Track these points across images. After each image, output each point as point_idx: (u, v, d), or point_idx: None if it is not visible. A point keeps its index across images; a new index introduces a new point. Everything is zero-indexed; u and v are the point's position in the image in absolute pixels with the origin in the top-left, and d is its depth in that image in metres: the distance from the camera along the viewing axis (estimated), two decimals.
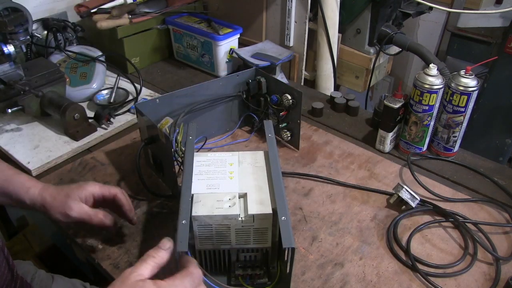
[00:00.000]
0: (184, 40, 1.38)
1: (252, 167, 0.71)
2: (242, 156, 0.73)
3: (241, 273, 0.67)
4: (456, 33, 1.80)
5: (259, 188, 0.66)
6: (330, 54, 1.37)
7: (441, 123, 0.96)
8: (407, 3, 1.42)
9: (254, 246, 0.66)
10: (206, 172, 0.69)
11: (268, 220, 0.62)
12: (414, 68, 1.96)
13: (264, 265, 0.68)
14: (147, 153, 0.93)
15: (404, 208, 0.84)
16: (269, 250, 0.67)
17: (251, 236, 0.64)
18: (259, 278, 0.67)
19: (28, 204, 0.71)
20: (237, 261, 0.68)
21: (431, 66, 0.90)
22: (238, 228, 0.63)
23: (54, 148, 1.00)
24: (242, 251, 0.67)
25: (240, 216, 0.62)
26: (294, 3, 1.29)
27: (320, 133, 1.08)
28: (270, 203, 0.63)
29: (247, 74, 1.02)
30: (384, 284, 0.71)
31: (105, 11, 1.30)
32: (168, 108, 0.92)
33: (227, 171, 0.69)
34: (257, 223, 0.62)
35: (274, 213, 0.62)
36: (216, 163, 0.71)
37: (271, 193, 0.65)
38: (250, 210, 0.62)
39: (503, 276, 0.72)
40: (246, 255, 0.67)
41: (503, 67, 1.33)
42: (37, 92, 1.03)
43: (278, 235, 0.61)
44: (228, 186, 0.66)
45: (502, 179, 0.94)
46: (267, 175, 0.69)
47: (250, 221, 0.62)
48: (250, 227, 0.63)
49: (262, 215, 0.62)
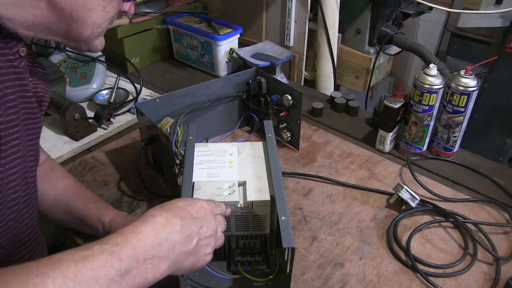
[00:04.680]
0: (184, 40, 1.38)
1: (251, 157, 0.73)
2: (241, 147, 0.76)
3: (241, 259, 0.69)
4: (456, 33, 1.80)
5: (257, 176, 0.68)
6: (330, 54, 1.37)
7: (441, 123, 0.96)
8: (407, 3, 1.42)
9: (253, 233, 0.68)
10: (206, 161, 0.71)
11: (266, 206, 0.65)
12: (414, 68, 1.96)
13: (263, 252, 0.70)
14: (147, 153, 0.93)
15: (404, 208, 0.84)
16: (268, 237, 0.69)
17: (250, 222, 0.66)
18: (258, 265, 0.69)
19: (101, 232, 0.70)
20: (237, 248, 0.70)
21: (431, 66, 0.90)
22: (238, 214, 0.65)
23: (54, 148, 1.00)
24: (241, 238, 0.69)
25: (239, 203, 0.64)
26: (294, 3, 1.29)
27: (320, 133, 1.08)
28: (268, 191, 0.65)
29: (247, 74, 1.02)
30: (384, 284, 0.71)
31: None
32: (168, 108, 0.92)
33: (227, 161, 0.72)
34: (256, 210, 0.65)
35: (272, 200, 0.64)
36: (217, 153, 0.73)
37: (269, 181, 0.67)
38: (249, 197, 0.64)
39: (503, 276, 0.72)
40: (245, 242, 0.69)
41: (503, 67, 1.33)
42: None
43: (276, 222, 0.63)
44: (228, 175, 0.68)
45: (502, 179, 0.94)
46: (265, 165, 0.71)
47: (249, 208, 0.64)
48: (249, 214, 0.65)
49: (261, 202, 0.64)
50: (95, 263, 0.41)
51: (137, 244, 0.45)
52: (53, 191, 0.73)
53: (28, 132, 0.55)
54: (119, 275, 0.42)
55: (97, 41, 0.57)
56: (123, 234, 0.46)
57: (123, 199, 0.87)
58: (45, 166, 0.74)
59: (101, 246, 0.43)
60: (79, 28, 0.52)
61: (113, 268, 0.42)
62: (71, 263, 0.39)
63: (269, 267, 0.70)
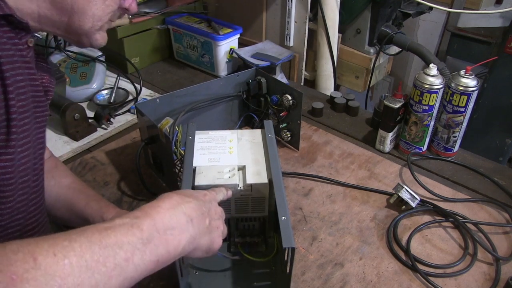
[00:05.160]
0: (184, 40, 1.38)
1: (250, 143, 0.75)
2: (240, 134, 0.78)
3: (240, 241, 0.72)
4: (456, 33, 1.80)
5: (256, 161, 0.71)
6: (330, 54, 1.37)
7: (441, 123, 0.96)
8: (407, 3, 1.42)
9: (252, 215, 0.71)
10: (207, 148, 0.74)
11: (265, 189, 0.67)
12: (414, 68, 1.96)
13: (262, 234, 0.73)
14: (147, 153, 0.93)
15: (404, 208, 0.84)
16: (266, 219, 0.71)
17: (249, 205, 0.69)
18: (257, 246, 0.72)
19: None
20: (237, 230, 0.72)
21: (431, 66, 0.90)
22: (237, 197, 0.68)
23: (54, 148, 1.00)
24: (241, 220, 0.72)
25: (239, 185, 0.66)
26: (294, 3, 1.29)
27: (320, 133, 1.08)
28: (267, 174, 0.68)
29: (247, 74, 1.02)
30: (384, 284, 0.71)
31: None
32: (168, 108, 0.92)
33: (227, 147, 0.74)
34: (255, 192, 0.67)
35: (270, 183, 0.66)
36: (217, 140, 0.76)
37: (267, 166, 0.70)
38: (248, 180, 0.67)
39: (503, 276, 0.72)
40: (245, 224, 0.72)
41: (503, 67, 1.33)
42: None
43: (274, 205, 0.66)
44: (228, 160, 0.71)
45: (502, 179, 0.94)
46: (263, 150, 0.74)
47: (248, 190, 0.67)
48: (248, 196, 0.68)
49: (259, 185, 0.67)
50: (118, 232, 0.42)
51: (156, 216, 0.47)
52: (56, 187, 0.74)
53: (36, 120, 0.58)
54: (142, 243, 0.43)
55: (98, 35, 0.59)
56: (142, 209, 0.48)
57: (123, 199, 0.87)
58: (49, 163, 0.75)
59: (122, 220, 0.45)
60: (80, 20, 0.55)
61: (135, 237, 0.43)
62: (95, 232, 0.41)
63: (267, 248, 0.72)
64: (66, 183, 0.75)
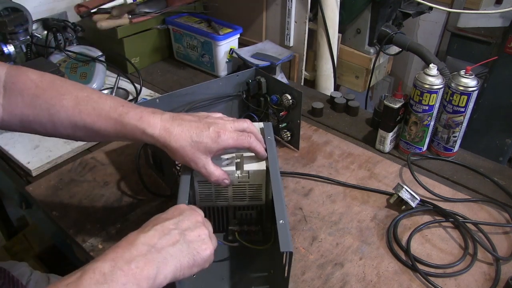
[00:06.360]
0: (184, 40, 1.38)
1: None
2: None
3: (238, 229, 0.73)
4: (456, 33, 1.80)
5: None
6: (330, 54, 1.37)
7: (441, 123, 0.96)
8: (407, 3, 1.42)
9: (250, 203, 0.73)
10: None
11: (262, 176, 0.69)
12: (414, 68, 1.96)
13: (259, 223, 0.74)
14: (147, 153, 0.93)
15: (404, 208, 0.84)
16: (263, 208, 0.73)
17: (246, 192, 0.71)
18: (254, 234, 0.73)
19: (149, 143, 0.66)
20: (234, 218, 0.75)
21: (431, 66, 0.90)
22: (235, 184, 0.70)
23: (54, 148, 1.00)
24: (238, 208, 0.74)
25: (236, 172, 0.69)
26: (294, 3, 1.29)
27: (320, 133, 1.08)
28: (264, 162, 0.70)
29: (247, 74, 1.02)
30: (384, 284, 0.71)
31: (105, 11, 1.30)
32: (168, 108, 0.92)
33: None
34: (252, 180, 0.70)
35: (267, 171, 0.68)
36: None
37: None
38: (246, 167, 0.69)
39: (503, 276, 0.72)
40: (242, 213, 0.74)
41: (503, 67, 1.33)
42: None
43: (271, 194, 0.66)
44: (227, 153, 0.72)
45: (502, 179, 0.94)
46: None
47: (245, 178, 0.69)
48: (245, 184, 0.70)
49: (257, 171, 0.69)
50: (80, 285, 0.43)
51: (115, 256, 0.47)
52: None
53: None
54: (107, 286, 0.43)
55: None
56: (102, 254, 0.48)
57: (123, 199, 0.87)
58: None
59: (82, 269, 0.45)
60: None
61: (99, 284, 0.43)
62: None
63: (265, 238, 0.74)
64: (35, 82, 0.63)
